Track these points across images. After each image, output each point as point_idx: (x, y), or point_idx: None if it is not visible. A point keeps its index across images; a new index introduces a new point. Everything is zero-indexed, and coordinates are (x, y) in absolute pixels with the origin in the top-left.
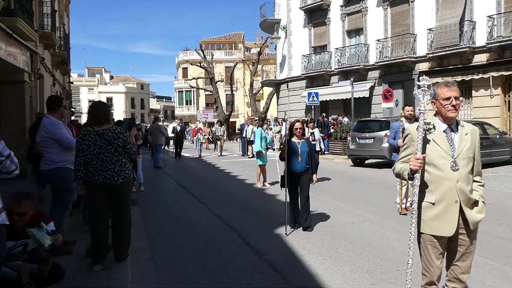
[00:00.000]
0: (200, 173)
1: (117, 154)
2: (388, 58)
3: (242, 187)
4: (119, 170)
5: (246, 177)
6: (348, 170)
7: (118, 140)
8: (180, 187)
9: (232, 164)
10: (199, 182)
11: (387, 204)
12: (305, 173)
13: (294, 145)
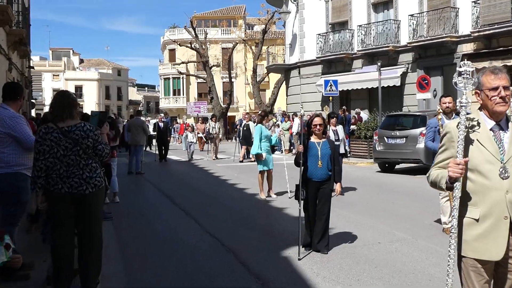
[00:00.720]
0: (190, 180)
1: (86, 157)
2: (424, 38)
3: (241, 197)
4: (88, 177)
5: (247, 185)
6: (374, 177)
7: (88, 140)
8: (164, 197)
9: (229, 170)
10: (188, 191)
11: (422, 220)
12: (326, 182)
13: (313, 146)
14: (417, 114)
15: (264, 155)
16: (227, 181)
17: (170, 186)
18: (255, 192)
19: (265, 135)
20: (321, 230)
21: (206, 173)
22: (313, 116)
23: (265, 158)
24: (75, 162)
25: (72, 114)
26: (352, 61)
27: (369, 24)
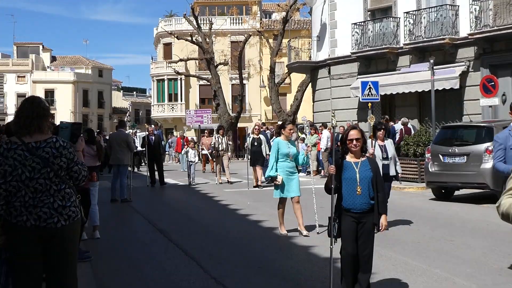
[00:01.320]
0: (190, 210)
1: (58, 181)
2: (490, 28)
3: (256, 233)
4: (61, 206)
5: (264, 216)
6: (426, 207)
7: (60, 159)
8: (157, 233)
9: (241, 196)
10: (188, 224)
11: (489, 263)
12: (367, 214)
13: (349, 167)
14: (482, 125)
15: (281, 178)
16: (238, 212)
17: (165, 218)
18: (274, 226)
19: (284, 153)
20: (363, 275)
21: (211, 201)
22: (348, 129)
23: (281, 182)
24: (45, 187)
25: (42, 127)
26: (397, 57)
27: (419, 11)
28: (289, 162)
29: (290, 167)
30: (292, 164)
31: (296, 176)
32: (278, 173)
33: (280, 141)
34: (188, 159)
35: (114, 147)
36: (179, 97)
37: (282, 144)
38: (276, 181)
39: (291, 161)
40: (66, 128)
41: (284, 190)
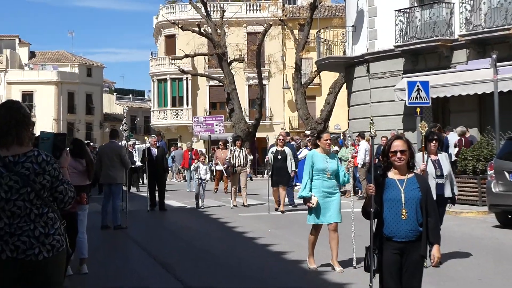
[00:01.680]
0: (198, 239)
1: (39, 204)
2: None
3: (278, 267)
4: (43, 234)
5: (288, 247)
6: (489, 236)
7: (43, 177)
8: (157, 267)
9: (260, 223)
10: (196, 256)
11: None
12: (414, 244)
13: (392, 186)
14: None
15: (316, 200)
16: (256, 241)
17: (168, 248)
18: (301, 259)
19: (320, 168)
20: None
21: (224, 228)
22: (391, 139)
23: (316, 204)
24: (24, 211)
25: (22, 138)
26: (452, 52)
27: None
28: (327, 180)
29: (328, 186)
30: (331, 183)
31: (335, 198)
32: (312, 194)
33: (316, 153)
34: (199, 176)
35: (105, 162)
36: (185, 101)
37: (318, 158)
38: (309, 203)
39: (329, 179)
40: (47, 140)
41: (319, 214)
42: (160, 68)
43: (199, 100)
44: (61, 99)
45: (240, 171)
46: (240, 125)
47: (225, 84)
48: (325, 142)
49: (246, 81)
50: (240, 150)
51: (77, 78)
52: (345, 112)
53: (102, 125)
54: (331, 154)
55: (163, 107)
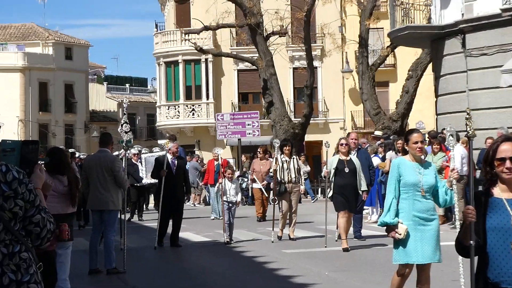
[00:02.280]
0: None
1: (9, 240)
2: None
3: None
4: (14, 283)
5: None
6: None
7: (15, 201)
8: None
9: (312, 262)
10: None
11: None
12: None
13: (500, 208)
14: None
15: (404, 229)
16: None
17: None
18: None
19: (411, 182)
20: None
21: (264, 274)
22: (497, 141)
23: (404, 235)
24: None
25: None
26: None
27: None
28: (421, 200)
29: (423, 208)
30: (427, 204)
31: (432, 226)
32: (399, 220)
33: (404, 162)
34: (227, 199)
35: (93, 181)
36: (204, 92)
37: (408, 168)
38: (395, 234)
39: (424, 198)
40: (11, 151)
41: (409, 250)
42: (169, 46)
43: (224, 91)
44: (30, 91)
45: (291, 189)
46: (282, 124)
47: (261, 68)
48: (415, 145)
49: (290, 63)
50: (291, 160)
51: (52, 62)
52: (431, 104)
53: (88, 128)
54: (426, 163)
55: (174, 101)
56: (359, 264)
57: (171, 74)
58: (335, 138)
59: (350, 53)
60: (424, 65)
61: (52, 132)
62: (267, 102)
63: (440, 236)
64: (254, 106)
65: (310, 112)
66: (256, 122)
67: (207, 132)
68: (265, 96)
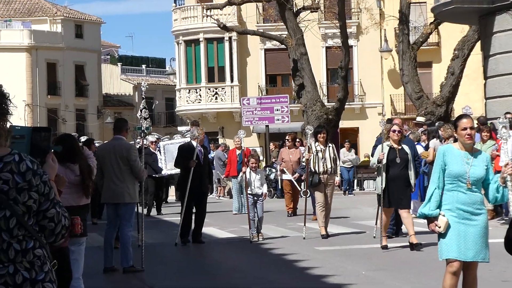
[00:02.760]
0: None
1: (22, 235)
2: None
3: None
4: (28, 282)
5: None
6: None
7: (29, 194)
8: None
9: (348, 260)
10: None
11: None
12: None
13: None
14: None
15: (445, 222)
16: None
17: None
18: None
19: (456, 173)
20: None
21: (294, 273)
22: None
23: (445, 228)
24: (0, 245)
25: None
26: None
27: None
28: (466, 192)
29: (468, 201)
30: (473, 197)
31: (479, 222)
32: (441, 212)
33: (451, 149)
34: (251, 191)
35: (107, 171)
36: (228, 74)
37: (455, 157)
38: (434, 226)
39: (469, 191)
40: (20, 138)
41: (451, 245)
42: (189, 23)
43: (250, 73)
44: (37, 73)
45: (326, 180)
46: (314, 109)
47: (290, 47)
48: (464, 132)
49: (323, 41)
50: (326, 148)
51: (61, 41)
52: (479, 86)
53: (101, 113)
54: (478, 152)
55: (195, 84)
56: (400, 263)
57: (192, 54)
58: (372, 124)
59: (389, 30)
60: (471, 43)
61: (61, 118)
62: (297, 85)
63: (489, 233)
64: (283, 89)
65: (345, 96)
66: (285, 107)
67: (231, 118)
68: (295, 78)
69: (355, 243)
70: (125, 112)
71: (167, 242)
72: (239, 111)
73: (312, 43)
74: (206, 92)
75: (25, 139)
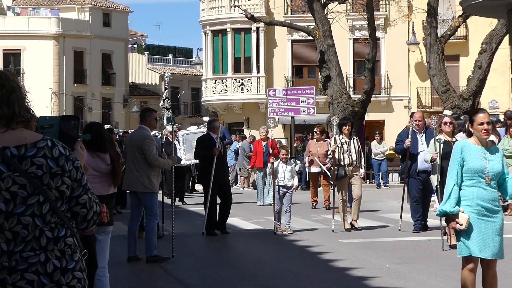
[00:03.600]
0: (277, 282)
1: (54, 222)
2: None
3: None
4: (59, 270)
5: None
6: None
7: (62, 179)
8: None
9: (373, 253)
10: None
11: None
12: None
13: None
14: None
15: (466, 219)
16: (367, 282)
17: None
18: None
19: (475, 169)
20: None
21: (318, 265)
22: None
23: (467, 225)
24: (32, 233)
25: (18, 118)
26: None
27: None
28: (486, 188)
29: (488, 198)
30: (492, 194)
31: (498, 218)
32: (460, 209)
33: (468, 145)
34: (282, 182)
35: (128, 160)
36: (255, 65)
37: (472, 152)
38: (455, 224)
39: (490, 186)
40: (49, 128)
41: (473, 242)
42: (217, 13)
43: (277, 64)
44: (64, 61)
45: (352, 172)
46: (341, 101)
47: (318, 38)
48: (481, 127)
49: (350, 33)
50: (351, 141)
51: (88, 29)
52: (506, 81)
53: (128, 102)
54: (493, 147)
55: (221, 74)
56: (424, 256)
57: (219, 44)
58: (398, 117)
59: (417, 23)
60: (499, 37)
61: (88, 106)
62: (324, 76)
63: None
64: (309, 81)
65: (372, 88)
66: (311, 98)
67: (257, 108)
68: (321, 70)
69: (380, 236)
70: (151, 102)
71: (191, 232)
72: (264, 102)
73: (339, 34)
74: (232, 83)
75: (54, 128)
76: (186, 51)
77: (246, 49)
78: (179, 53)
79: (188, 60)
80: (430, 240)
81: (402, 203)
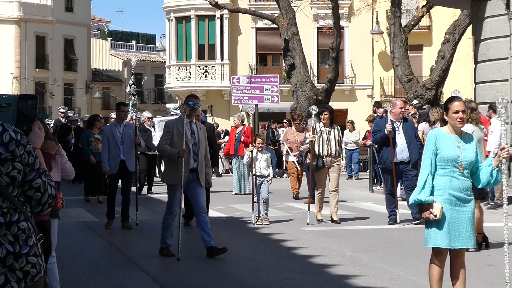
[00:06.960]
0: (258, 278)
1: (6, 207)
2: None
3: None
4: (12, 255)
5: (379, 281)
6: None
7: (13, 165)
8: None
9: (338, 242)
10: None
11: None
12: None
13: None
14: None
15: (440, 208)
16: (329, 270)
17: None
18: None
19: (448, 157)
20: None
21: (280, 253)
22: None
23: (440, 215)
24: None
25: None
26: None
27: None
28: (459, 178)
29: (460, 187)
30: (465, 183)
31: (470, 207)
32: (434, 198)
33: (442, 133)
34: (255, 172)
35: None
36: (219, 52)
37: (446, 141)
38: (428, 214)
39: (463, 176)
40: (7, 107)
41: (444, 232)
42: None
43: (241, 51)
44: (26, 46)
45: (330, 164)
46: (304, 90)
47: (282, 26)
48: (456, 115)
49: (314, 22)
50: (331, 130)
51: (51, 14)
52: (469, 71)
53: (90, 88)
54: (467, 136)
55: (185, 61)
56: (385, 245)
57: (182, 31)
58: (362, 106)
59: (381, 12)
60: (462, 28)
61: (50, 92)
62: (288, 65)
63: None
64: (273, 69)
65: (335, 77)
66: (275, 86)
67: (220, 96)
68: (285, 58)
69: (342, 225)
70: (114, 88)
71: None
72: (228, 90)
73: (304, 23)
74: (196, 70)
75: (11, 107)
76: (150, 37)
77: (210, 36)
78: (142, 40)
79: (152, 47)
80: (391, 229)
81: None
